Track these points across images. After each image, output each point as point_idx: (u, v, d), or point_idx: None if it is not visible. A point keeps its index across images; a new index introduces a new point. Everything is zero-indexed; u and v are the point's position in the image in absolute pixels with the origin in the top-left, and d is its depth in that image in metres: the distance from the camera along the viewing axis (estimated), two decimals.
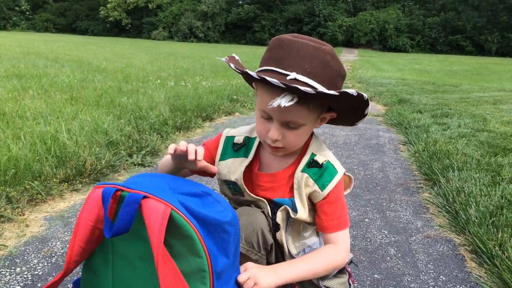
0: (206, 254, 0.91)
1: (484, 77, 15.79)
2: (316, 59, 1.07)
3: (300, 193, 1.26)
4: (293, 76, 1.05)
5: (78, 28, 60.27)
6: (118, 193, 0.92)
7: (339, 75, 1.13)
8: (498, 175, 3.31)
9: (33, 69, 8.76)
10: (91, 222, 0.93)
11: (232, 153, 1.34)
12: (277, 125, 1.15)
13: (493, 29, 48.25)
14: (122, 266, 0.98)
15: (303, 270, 1.18)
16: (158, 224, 0.85)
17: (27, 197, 2.54)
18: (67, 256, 0.93)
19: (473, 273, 2.04)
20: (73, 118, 4.28)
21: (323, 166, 1.25)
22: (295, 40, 1.08)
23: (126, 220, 0.87)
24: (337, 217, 1.26)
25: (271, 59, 1.11)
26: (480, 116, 6.28)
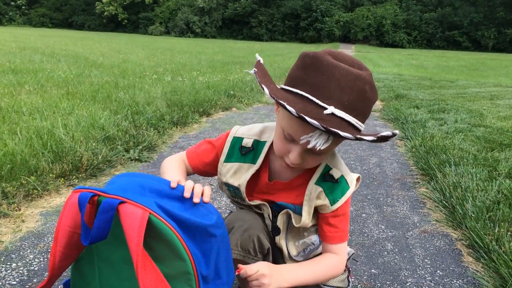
0: (189, 257, 0.89)
1: (481, 73, 15.82)
2: (355, 91, 0.98)
3: (310, 205, 1.24)
4: (331, 111, 0.95)
5: (74, 23, 60.05)
6: (95, 198, 0.89)
7: (373, 103, 1.06)
8: (494, 170, 3.32)
9: (29, 64, 8.72)
10: (70, 228, 0.91)
11: (239, 157, 1.27)
12: (300, 152, 1.08)
13: (489, 25, 48.33)
14: (106, 269, 0.97)
15: (306, 275, 1.23)
16: (137, 230, 0.82)
17: (23, 192, 2.52)
18: (50, 263, 0.91)
19: (470, 267, 2.05)
20: (69, 113, 4.26)
21: (338, 181, 1.22)
22: (336, 65, 0.98)
23: (103, 228, 0.85)
24: (341, 230, 1.27)
25: (306, 83, 0.99)
26: (477, 112, 6.29)
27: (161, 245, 0.89)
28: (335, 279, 1.35)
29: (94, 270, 0.98)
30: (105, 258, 0.96)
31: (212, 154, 1.33)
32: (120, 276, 0.95)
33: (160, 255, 0.89)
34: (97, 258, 0.97)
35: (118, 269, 0.95)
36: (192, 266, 0.89)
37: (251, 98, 6.92)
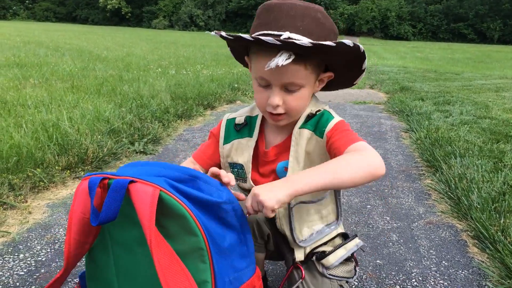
0: (201, 232, 0.88)
1: (486, 65, 15.72)
2: (307, 17, 1.05)
3: (297, 150, 1.21)
4: (287, 35, 1.02)
5: (78, 17, 60.07)
6: (105, 181, 0.89)
7: (332, 31, 1.11)
8: (500, 162, 3.31)
9: (33, 58, 8.74)
10: (82, 214, 0.91)
11: (235, 134, 1.30)
12: (276, 90, 1.12)
13: (495, 17, 47.94)
14: (121, 253, 0.97)
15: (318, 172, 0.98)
16: (148, 206, 0.82)
17: (29, 184, 2.54)
18: (65, 251, 0.90)
19: (475, 258, 2.05)
20: (74, 107, 4.27)
21: (317, 114, 1.20)
22: (282, 3, 1.07)
23: (112, 208, 0.85)
24: (345, 136, 1.12)
25: (261, 24, 1.09)
26: (482, 103, 6.26)
27: (172, 222, 0.88)
28: (341, 269, 1.33)
29: (109, 256, 0.98)
30: (119, 241, 0.96)
31: (213, 144, 1.35)
32: (134, 258, 0.95)
33: (171, 232, 0.88)
34: (111, 242, 0.97)
35: (133, 251, 0.95)
36: (204, 241, 0.89)
37: None
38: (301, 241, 1.30)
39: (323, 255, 1.30)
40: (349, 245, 1.34)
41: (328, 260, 1.29)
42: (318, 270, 1.31)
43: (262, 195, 0.95)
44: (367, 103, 6.52)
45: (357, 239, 1.37)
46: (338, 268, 1.32)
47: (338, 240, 1.38)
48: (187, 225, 0.88)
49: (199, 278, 0.90)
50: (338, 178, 0.97)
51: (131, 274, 0.97)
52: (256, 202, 0.97)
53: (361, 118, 5.32)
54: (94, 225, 0.87)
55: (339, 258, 1.30)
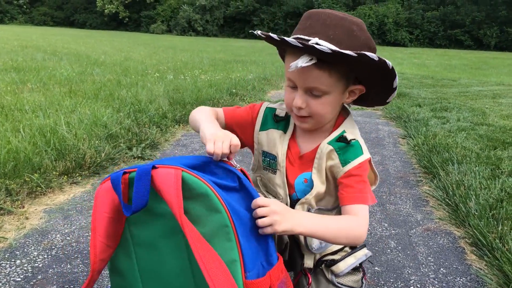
0: (225, 208, 0.88)
1: (483, 71, 15.77)
2: (340, 27, 1.07)
3: (320, 164, 1.23)
4: (315, 41, 1.04)
5: (76, 22, 60.11)
6: (126, 177, 0.91)
7: (367, 46, 1.11)
8: (497, 168, 3.31)
9: (31, 62, 8.73)
10: (107, 214, 0.92)
11: (273, 124, 1.31)
12: (300, 92, 1.15)
13: (492, 23, 48.21)
14: (145, 254, 0.97)
15: (322, 226, 1.11)
16: (173, 185, 0.85)
17: (26, 189, 2.53)
18: (91, 256, 0.90)
19: (473, 265, 2.05)
20: (72, 111, 4.26)
21: (350, 143, 1.23)
22: (322, 11, 1.11)
23: (141, 194, 0.87)
24: (358, 191, 1.20)
25: (298, 29, 1.13)
26: (479, 110, 6.28)
27: (195, 204, 0.89)
28: (349, 278, 1.33)
29: (132, 261, 0.97)
30: (141, 240, 0.96)
31: (248, 117, 1.35)
32: (160, 254, 0.95)
33: (194, 216, 0.88)
34: (133, 244, 0.97)
35: (156, 247, 0.95)
36: (228, 217, 0.88)
37: (253, 96, 6.91)
38: (313, 248, 1.30)
39: (333, 262, 1.31)
40: (358, 254, 1.35)
41: (338, 267, 1.30)
42: (327, 278, 1.32)
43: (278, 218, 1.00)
44: (365, 109, 6.53)
45: (365, 249, 1.38)
46: (347, 277, 1.33)
47: (347, 250, 1.38)
48: (210, 203, 0.88)
49: (227, 258, 0.88)
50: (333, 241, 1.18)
51: (156, 274, 0.97)
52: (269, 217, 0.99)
53: (359, 124, 5.32)
54: (127, 215, 0.88)
55: (348, 266, 1.32)
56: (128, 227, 0.97)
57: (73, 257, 1.94)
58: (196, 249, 0.82)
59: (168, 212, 0.91)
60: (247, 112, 1.35)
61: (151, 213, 0.93)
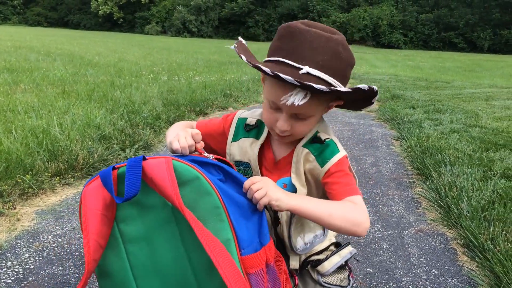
0: (215, 190, 0.91)
1: (476, 74, 15.87)
2: (329, 51, 1.05)
3: (298, 167, 1.23)
4: (306, 70, 1.02)
5: (70, 22, 59.84)
6: (115, 172, 0.92)
7: (349, 64, 1.11)
8: (489, 170, 3.33)
9: (24, 63, 8.69)
10: (100, 211, 0.92)
11: (244, 133, 1.31)
12: (286, 117, 1.14)
13: (485, 26, 48.51)
14: (137, 250, 0.96)
15: (317, 204, 1.09)
16: (166, 171, 0.87)
17: (18, 191, 2.51)
18: (86, 256, 0.89)
19: (465, 266, 2.06)
20: (65, 112, 4.24)
21: (325, 143, 1.23)
22: (307, 30, 1.06)
23: (133, 182, 0.88)
24: (345, 184, 1.17)
25: (282, 49, 1.08)
26: (472, 112, 6.32)
27: (186, 189, 0.90)
28: (336, 277, 1.33)
29: (123, 260, 0.97)
30: (132, 237, 0.96)
31: (219, 128, 1.35)
32: (153, 247, 0.95)
33: (187, 201, 0.89)
34: (124, 243, 0.97)
35: (150, 240, 0.95)
36: (219, 198, 0.90)
37: (248, 97, 6.92)
38: (297, 249, 1.30)
39: (319, 262, 1.31)
40: (343, 252, 1.35)
41: (324, 266, 1.31)
42: (313, 278, 1.32)
43: (272, 187, 1.02)
44: (359, 111, 6.54)
45: (350, 246, 1.38)
46: (333, 276, 1.33)
47: (332, 249, 1.38)
48: (200, 187, 0.90)
49: (222, 237, 0.90)
50: (329, 220, 1.08)
51: (150, 268, 0.96)
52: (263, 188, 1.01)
53: (352, 125, 5.34)
54: (118, 202, 0.89)
55: (334, 265, 1.32)
56: (116, 226, 0.96)
57: (65, 259, 1.93)
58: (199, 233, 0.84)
59: (157, 203, 0.93)
60: (220, 124, 1.36)
61: (140, 206, 0.94)
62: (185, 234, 0.93)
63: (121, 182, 0.92)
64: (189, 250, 0.94)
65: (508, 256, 1.97)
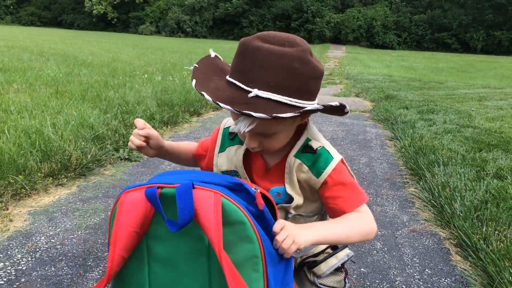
0: (258, 239, 0.88)
1: (470, 74, 15.96)
2: (280, 70, 0.99)
3: (290, 178, 1.21)
4: (254, 94, 0.99)
5: (63, 22, 59.53)
6: (158, 191, 0.89)
7: (311, 78, 1.05)
8: (482, 170, 3.35)
9: (17, 63, 8.63)
10: (132, 228, 0.89)
11: (229, 142, 1.30)
12: (249, 136, 1.11)
13: (478, 27, 48.77)
14: (160, 270, 0.94)
15: (336, 229, 1.10)
16: (213, 211, 0.83)
17: (11, 191, 2.50)
18: (108, 269, 0.87)
19: (458, 266, 2.07)
20: (58, 112, 4.22)
21: (317, 152, 1.19)
22: (259, 48, 1.01)
23: (188, 209, 0.85)
24: (348, 197, 1.16)
25: (236, 69, 1.05)
26: (465, 113, 6.35)
27: (229, 230, 0.87)
28: (331, 279, 1.33)
29: (144, 275, 0.94)
30: (160, 257, 0.93)
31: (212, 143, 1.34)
32: (177, 274, 0.93)
33: (226, 242, 0.86)
34: (149, 258, 0.94)
35: (176, 267, 0.92)
36: (260, 248, 0.88)
37: None
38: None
39: (315, 264, 1.31)
40: (340, 255, 1.35)
41: (320, 268, 1.30)
42: (309, 279, 1.31)
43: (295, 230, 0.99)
44: (353, 111, 6.56)
45: (347, 249, 1.38)
46: (329, 278, 1.33)
47: (329, 251, 1.38)
48: (245, 232, 0.87)
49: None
50: (347, 240, 1.12)
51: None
52: (289, 237, 0.98)
53: (346, 126, 5.35)
54: (173, 231, 0.86)
55: (330, 267, 1.31)
56: (145, 240, 0.94)
57: (58, 260, 1.92)
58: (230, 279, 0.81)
59: (194, 233, 0.89)
60: (211, 139, 1.35)
61: (179, 232, 0.90)
62: (214, 272, 0.91)
63: (164, 204, 0.89)
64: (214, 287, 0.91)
65: (500, 256, 1.99)
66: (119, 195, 0.93)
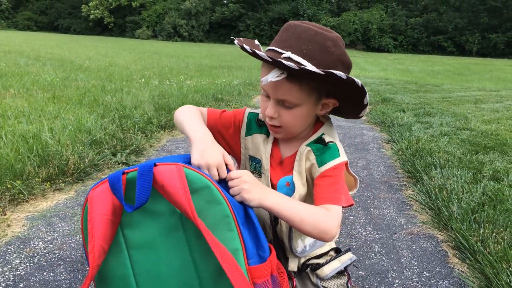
0: (225, 199, 0.91)
1: (465, 77, 16.03)
2: (314, 42, 1.08)
3: (300, 166, 1.24)
4: (287, 55, 1.06)
5: (60, 27, 59.52)
6: (124, 177, 0.92)
7: (340, 62, 1.12)
8: (479, 173, 3.37)
9: (14, 68, 8.62)
10: (107, 216, 0.91)
11: (257, 128, 1.33)
12: (272, 103, 1.17)
13: (474, 30, 49.04)
14: (142, 256, 0.95)
15: (291, 206, 1.10)
16: (178, 179, 0.87)
17: (8, 196, 2.49)
18: (90, 261, 0.87)
19: (455, 268, 2.07)
20: (55, 117, 4.22)
21: (328, 145, 1.24)
22: (299, 24, 1.12)
23: (144, 190, 0.88)
24: (331, 191, 1.18)
25: (275, 41, 1.15)
26: (462, 115, 6.38)
27: (196, 197, 0.90)
28: (334, 282, 1.34)
29: (126, 266, 0.95)
30: (137, 244, 0.95)
31: (232, 122, 1.35)
32: (158, 255, 0.94)
33: (197, 208, 0.89)
34: (128, 249, 0.96)
35: (155, 248, 0.94)
36: (229, 207, 0.91)
37: (239, 101, 6.92)
38: (297, 251, 1.31)
39: (318, 266, 1.32)
40: (343, 258, 1.37)
41: (323, 270, 1.32)
42: (312, 281, 1.33)
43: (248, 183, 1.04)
44: None
45: (350, 253, 1.39)
46: (332, 280, 1.35)
47: (332, 254, 1.40)
48: (211, 195, 0.91)
49: (230, 247, 0.90)
50: (299, 225, 1.10)
51: (154, 275, 0.95)
52: (239, 188, 1.03)
53: (343, 129, 5.36)
54: (129, 211, 0.88)
55: (333, 270, 1.33)
56: (121, 231, 0.95)
57: (56, 265, 1.92)
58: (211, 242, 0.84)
59: (165, 210, 0.93)
60: (232, 117, 1.36)
61: (147, 213, 0.93)
62: (192, 242, 0.93)
63: (130, 187, 0.92)
64: (196, 258, 0.93)
65: (498, 258, 2.00)
66: (87, 194, 0.94)
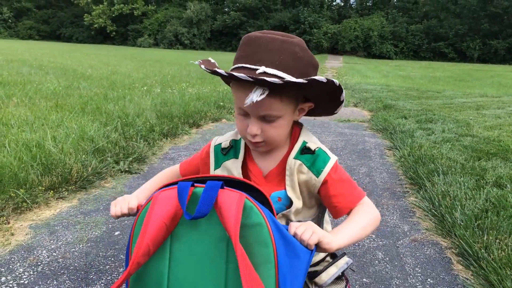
0: (273, 245, 0.90)
1: (467, 83, 16.04)
2: (284, 52, 1.08)
3: (292, 180, 1.24)
4: (262, 70, 1.05)
5: (62, 35, 59.82)
6: (191, 189, 0.94)
7: (311, 64, 1.14)
8: (482, 179, 3.36)
9: (17, 77, 8.66)
10: (165, 220, 0.93)
11: (223, 157, 1.33)
12: (254, 120, 1.16)
13: (474, 36, 49.14)
14: (180, 270, 0.96)
15: (355, 231, 1.13)
16: (235, 208, 0.88)
17: (12, 205, 2.50)
18: (133, 256, 0.89)
19: (460, 275, 2.07)
20: (58, 126, 4.24)
21: (315, 153, 1.24)
22: (262, 36, 1.10)
23: (207, 203, 0.90)
24: (349, 193, 1.22)
25: (241, 57, 1.12)
26: (464, 121, 6.38)
27: (247, 231, 0.91)
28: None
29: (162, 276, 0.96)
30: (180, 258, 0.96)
31: (202, 162, 1.37)
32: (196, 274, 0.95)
33: (244, 243, 0.90)
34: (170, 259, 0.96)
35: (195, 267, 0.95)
36: (274, 254, 0.90)
37: None
38: None
39: (316, 274, 1.31)
40: (339, 263, 1.36)
41: (321, 278, 1.31)
42: None
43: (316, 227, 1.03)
44: (351, 121, 6.59)
45: (346, 257, 1.39)
46: (330, 287, 1.34)
47: (328, 260, 1.39)
48: (261, 235, 0.91)
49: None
50: (365, 234, 1.17)
51: None
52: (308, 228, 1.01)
53: (345, 136, 5.37)
54: (188, 218, 0.90)
55: (331, 276, 1.32)
56: (169, 240, 0.97)
57: (60, 273, 1.92)
58: (244, 274, 0.83)
59: (216, 234, 0.93)
60: (200, 156, 1.38)
61: (199, 232, 0.95)
62: (230, 276, 0.93)
63: (192, 201, 0.93)
64: None
65: (502, 264, 1.99)
66: (151, 195, 0.97)
